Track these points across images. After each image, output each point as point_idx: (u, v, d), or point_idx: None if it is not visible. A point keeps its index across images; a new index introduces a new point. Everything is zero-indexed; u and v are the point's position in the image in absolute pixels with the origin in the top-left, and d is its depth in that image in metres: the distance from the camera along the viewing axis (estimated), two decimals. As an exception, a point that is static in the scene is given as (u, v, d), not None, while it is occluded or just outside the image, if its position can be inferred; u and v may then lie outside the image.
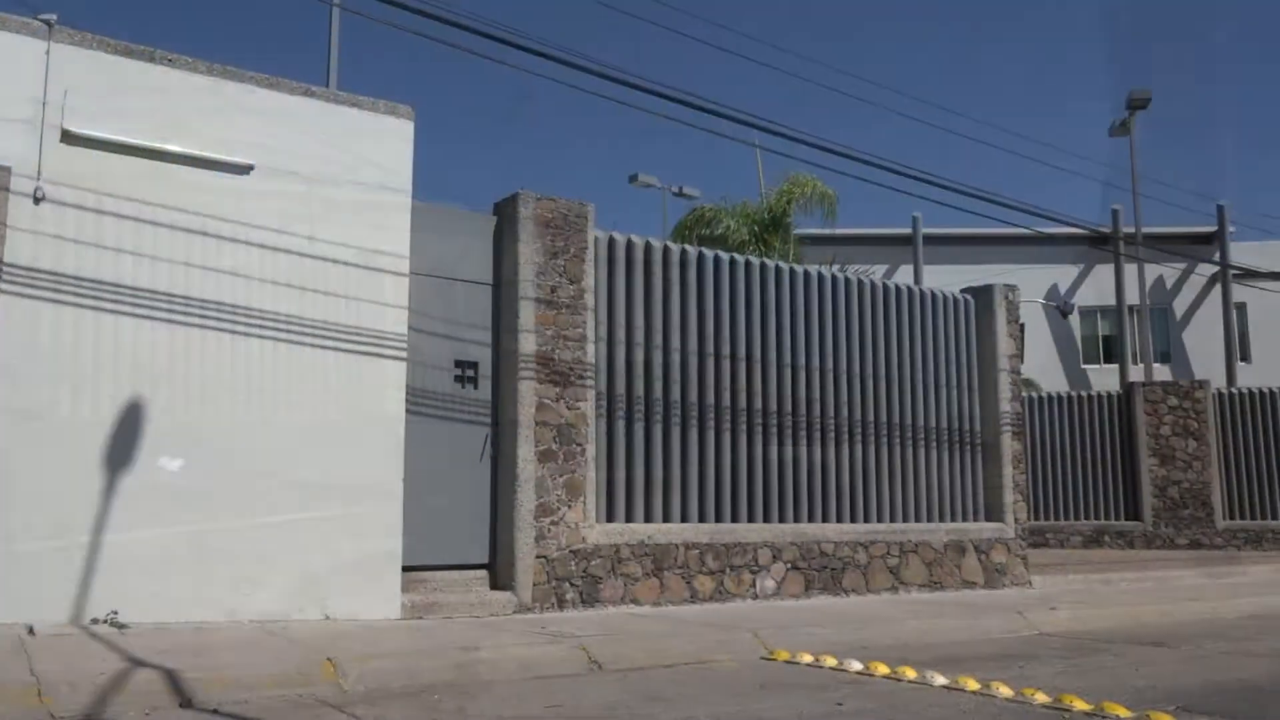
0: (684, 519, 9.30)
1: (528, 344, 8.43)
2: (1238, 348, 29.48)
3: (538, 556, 8.24)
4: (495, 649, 6.18)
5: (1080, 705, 5.17)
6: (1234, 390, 20.33)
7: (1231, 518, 19.51)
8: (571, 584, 8.41)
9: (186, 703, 4.92)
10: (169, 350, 6.97)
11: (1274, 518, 19.37)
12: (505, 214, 8.71)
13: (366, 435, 7.56)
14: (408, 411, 7.84)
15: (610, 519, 8.88)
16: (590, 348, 8.80)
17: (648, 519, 9.09)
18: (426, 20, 8.14)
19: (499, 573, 8.30)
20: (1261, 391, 19.91)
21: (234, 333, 7.18)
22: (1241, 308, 30.44)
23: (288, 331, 7.36)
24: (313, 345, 7.44)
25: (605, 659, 6.35)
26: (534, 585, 8.19)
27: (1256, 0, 61.32)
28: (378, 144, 7.90)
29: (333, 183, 7.66)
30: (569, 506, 8.46)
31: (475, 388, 8.46)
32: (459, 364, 8.39)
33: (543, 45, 8.65)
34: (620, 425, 9.07)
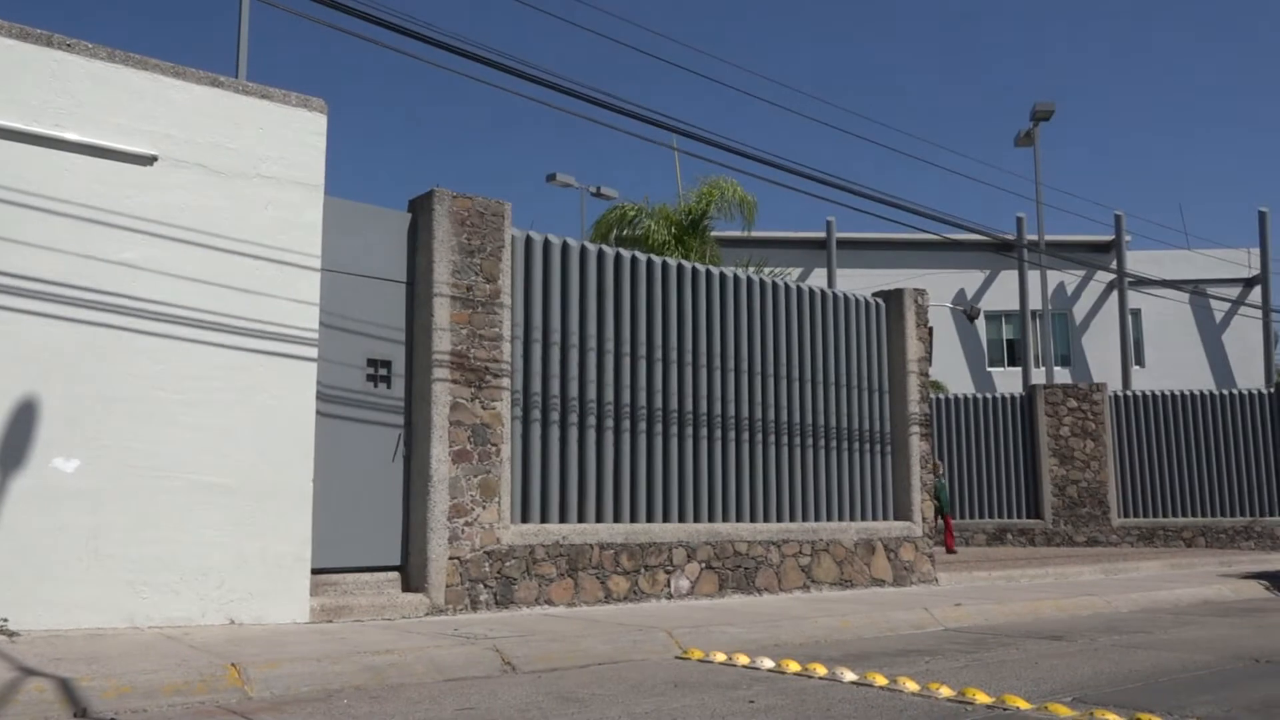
0: (599, 519, 9.31)
1: (442, 343, 8.34)
2: (1133, 352, 30.73)
3: (451, 558, 8.15)
4: (407, 652, 6.09)
5: (982, 698, 5.32)
6: (1129, 393, 21.20)
7: (1126, 516, 20.34)
8: (485, 585, 8.35)
9: (81, 712, 4.74)
10: (66, 346, 6.69)
11: (1165, 515, 20.26)
12: (420, 211, 8.60)
13: (274, 434, 7.38)
14: (318, 411, 7.69)
15: (525, 519, 8.83)
16: (506, 347, 8.74)
17: (563, 519, 9.07)
18: (340, 14, 8.00)
19: (411, 574, 8.19)
20: (1154, 394, 20.80)
21: (136, 330, 6.94)
22: (1137, 314, 31.75)
23: (193, 327, 7.14)
24: (219, 343, 7.24)
25: (519, 660, 6.31)
26: (447, 587, 8.11)
27: (1158, 17, 64.00)
28: (288, 137, 7.72)
29: (241, 176, 7.47)
30: (483, 507, 8.39)
31: (388, 387, 8.33)
32: (371, 362, 8.26)
33: (460, 42, 8.58)
34: (536, 425, 9.04)
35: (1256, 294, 31.61)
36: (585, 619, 8.00)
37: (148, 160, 7.10)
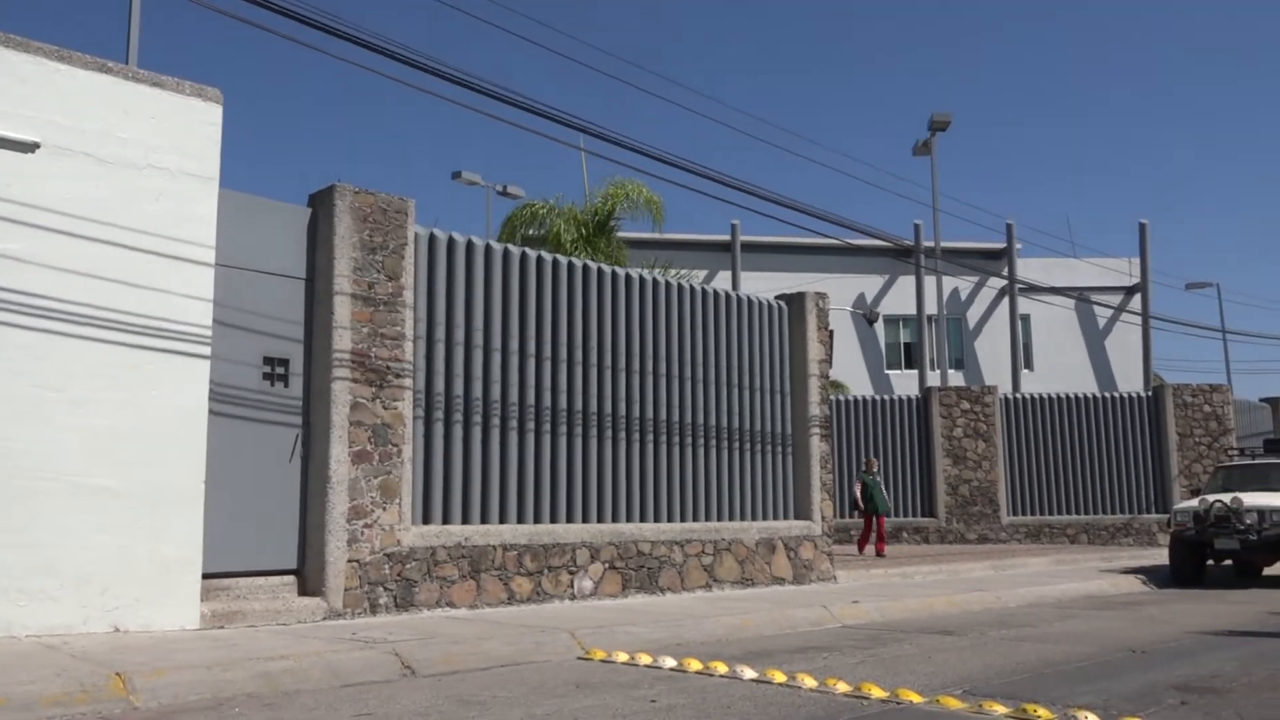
0: (502, 520, 9.24)
1: (342, 341, 8.17)
2: (1022, 356, 31.83)
3: (350, 560, 7.99)
4: (302, 657, 5.94)
5: (877, 693, 5.45)
6: (1018, 395, 21.98)
7: (1015, 514, 21.09)
8: (385, 588, 8.20)
9: (-49, 727, 4.50)
10: (-63, 341, 6.35)
11: (1051, 513, 21.07)
12: (321, 206, 8.41)
13: (164, 435, 7.12)
14: (211, 410, 7.45)
15: (427, 521, 8.72)
16: (409, 346, 8.61)
17: (465, 520, 8.98)
18: (236, 1, 7.78)
19: (308, 578, 8.00)
20: (1042, 397, 21.63)
21: (17, 324, 6.60)
22: (1026, 319, 32.90)
23: (79, 323, 6.85)
24: (106, 339, 6.95)
25: (419, 663, 6.22)
26: (345, 590, 7.94)
27: (1053, 33, 66.57)
28: (182, 127, 7.46)
29: (131, 166, 7.19)
30: (384, 509, 8.25)
31: (286, 386, 8.12)
32: (268, 360, 8.04)
33: (362, 34, 8.43)
34: (439, 426, 8.93)
35: (1137, 301, 33.12)
36: (487, 621, 7.94)
37: (29, 147, 6.78)
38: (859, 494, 17.30)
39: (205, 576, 7.29)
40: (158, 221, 7.25)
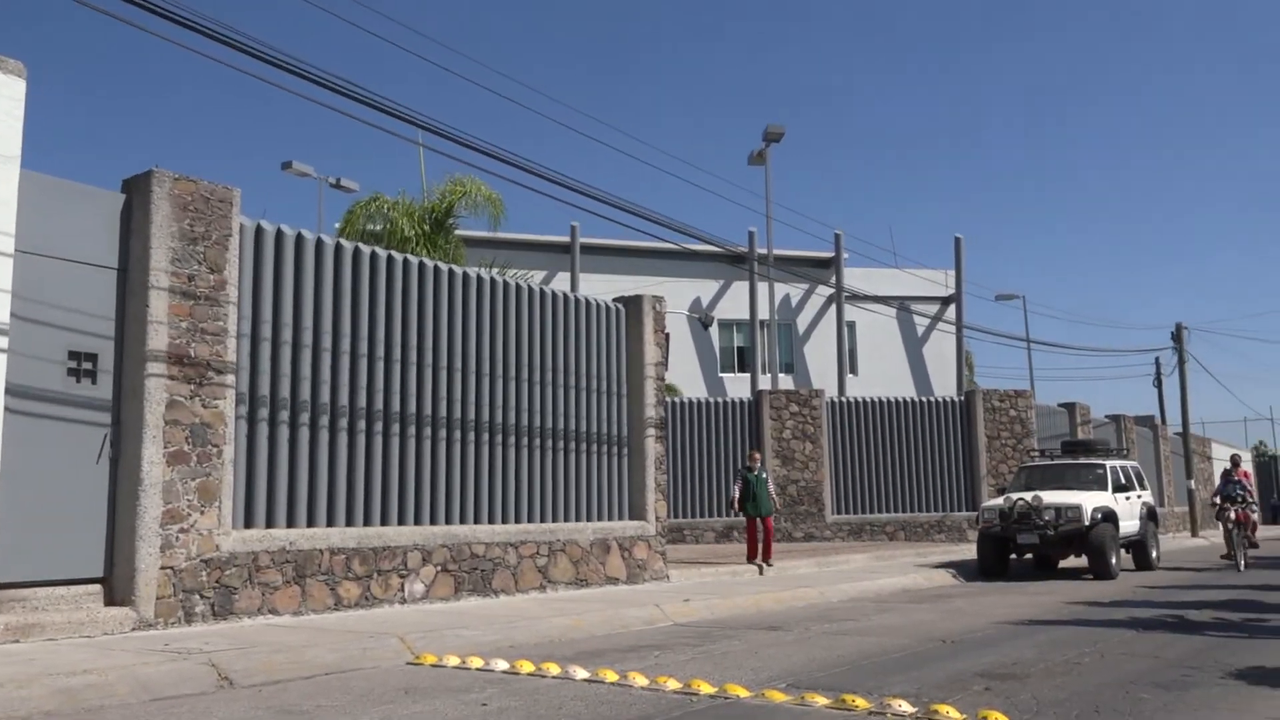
0: (330, 523, 8.96)
1: (158, 337, 7.72)
2: (848, 361, 33.20)
3: (163, 567, 7.56)
4: (108, 670, 5.58)
5: (706, 689, 5.57)
6: (844, 399, 22.92)
7: (839, 512, 21.98)
8: (202, 596, 7.81)
9: None
10: None
11: (872, 512, 22.07)
12: (136, 192, 7.92)
13: (-47, 434, 6.56)
14: (7, 408, 6.90)
15: (249, 525, 8.35)
16: (231, 343, 8.23)
17: (290, 524, 8.65)
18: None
19: (117, 587, 7.52)
20: (865, 401, 22.64)
21: None
22: (852, 326, 34.34)
23: None
24: (-116, 329, 6.35)
25: (237, 674, 5.95)
26: (158, 599, 7.51)
27: (893, 46, 69.67)
28: (-22, 101, 6.89)
29: (-83, 141, 6.58)
30: (201, 512, 7.85)
31: (94, 383, 7.61)
32: (74, 355, 7.51)
33: (184, 12, 8.01)
34: (263, 426, 8.57)
35: (952, 311, 35.08)
36: (313, 628, 7.67)
37: None
38: (738, 493, 14.75)
39: (-2, 587, 6.76)
40: (-52, 202, 6.67)
